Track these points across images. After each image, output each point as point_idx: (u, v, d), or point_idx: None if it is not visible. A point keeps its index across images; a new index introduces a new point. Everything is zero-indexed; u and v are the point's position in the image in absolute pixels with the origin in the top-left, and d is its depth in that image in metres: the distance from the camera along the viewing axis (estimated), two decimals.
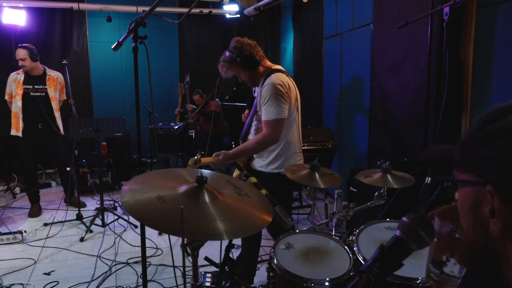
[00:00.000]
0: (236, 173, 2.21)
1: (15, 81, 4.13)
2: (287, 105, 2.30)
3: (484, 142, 0.59)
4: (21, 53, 4.05)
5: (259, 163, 2.49)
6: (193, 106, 5.53)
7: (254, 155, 2.54)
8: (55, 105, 4.28)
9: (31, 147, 4.24)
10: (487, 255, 0.61)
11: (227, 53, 2.40)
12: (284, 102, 2.28)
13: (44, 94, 4.21)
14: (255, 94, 2.53)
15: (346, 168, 4.24)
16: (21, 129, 4.14)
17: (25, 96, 4.14)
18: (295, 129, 2.45)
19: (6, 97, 4.23)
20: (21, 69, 4.14)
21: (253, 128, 2.55)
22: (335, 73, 4.76)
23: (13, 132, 4.17)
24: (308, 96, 5.23)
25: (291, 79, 2.42)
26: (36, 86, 4.19)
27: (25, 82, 4.14)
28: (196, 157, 2.20)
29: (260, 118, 2.40)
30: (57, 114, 4.32)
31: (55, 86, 4.29)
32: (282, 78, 2.32)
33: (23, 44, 4.12)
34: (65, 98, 4.50)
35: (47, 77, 4.25)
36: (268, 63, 2.47)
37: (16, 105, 4.14)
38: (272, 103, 2.26)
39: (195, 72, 6.55)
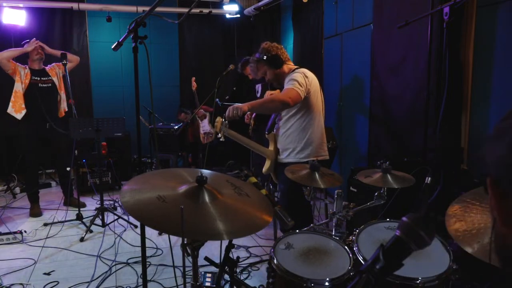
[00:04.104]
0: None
1: (24, 70, 4.21)
2: (304, 88, 2.46)
3: (495, 138, 0.56)
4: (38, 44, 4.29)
5: (284, 154, 2.67)
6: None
7: (280, 149, 2.71)
8: (62, 95, 4.42)
9: (35, 142, 4.28)
10: None
11: (257, 55, 2.66)
12: (303, 85, 2.46)
13: (50, 84, 4.33)
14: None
15: (346, 168, 4.23)
16: (21, 115, 4.15)
17: (34, 87, 4.22)
18: (320, 121, 2.64)
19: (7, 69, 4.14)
20: (26, 65, 4.26)
21: (277, 125, 2.75)
22: (335, 73, 4.76)
23: (10, 111, 4.15)
24: None
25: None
26: (43, 78, 4.31)
27: (33, 74, 4.25)
28: (223, 121, 2.35)
29: (282, 116, 2.64)
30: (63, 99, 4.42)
31: (54, 73, 4.39)
32: (306, 71, 2.57)
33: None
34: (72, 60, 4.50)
35: (47, 69, 4.38)
36: (292, 64, 2.71)
37: (21, 87, 4.16)
38: (293, 82, 2.48)
39: (195, 72, 6.55)
